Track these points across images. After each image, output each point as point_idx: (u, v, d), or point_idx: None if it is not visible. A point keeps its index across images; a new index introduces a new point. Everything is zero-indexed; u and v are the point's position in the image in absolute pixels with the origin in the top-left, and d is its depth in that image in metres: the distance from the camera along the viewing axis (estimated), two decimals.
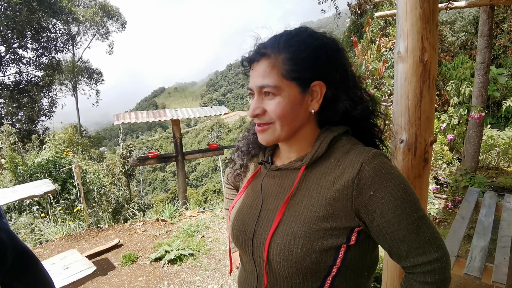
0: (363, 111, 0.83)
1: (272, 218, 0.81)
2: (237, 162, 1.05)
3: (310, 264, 0.74)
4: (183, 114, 7.25)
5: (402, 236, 0.72)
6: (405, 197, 0.72)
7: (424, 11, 1.23)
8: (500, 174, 5.85)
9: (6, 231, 0.62)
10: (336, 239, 0.74)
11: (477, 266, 2.11)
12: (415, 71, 1.27)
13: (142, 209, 6.27)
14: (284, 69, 0.77)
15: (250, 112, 0.82)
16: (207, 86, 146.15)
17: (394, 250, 0.74)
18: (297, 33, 0.80)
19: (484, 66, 4.63)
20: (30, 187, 3.43)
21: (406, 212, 0.71)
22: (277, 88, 0.77)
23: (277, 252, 0.76)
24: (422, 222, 0.72)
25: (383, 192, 0.71)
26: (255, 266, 0.84)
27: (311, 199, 0.77)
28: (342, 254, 0.75)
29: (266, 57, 0.78)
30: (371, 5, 11.09)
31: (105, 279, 3.39)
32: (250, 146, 1.01)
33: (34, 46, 15.99)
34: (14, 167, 5.55)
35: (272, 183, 0.88)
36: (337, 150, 0.80)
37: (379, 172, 0.73)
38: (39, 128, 14.86)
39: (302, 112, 0.80)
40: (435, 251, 0.73)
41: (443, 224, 4.19)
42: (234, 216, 0.93)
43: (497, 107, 9.99)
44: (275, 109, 0.78)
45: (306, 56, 0.77)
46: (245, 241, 0.86)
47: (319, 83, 0.78)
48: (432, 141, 1.35)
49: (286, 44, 0.77)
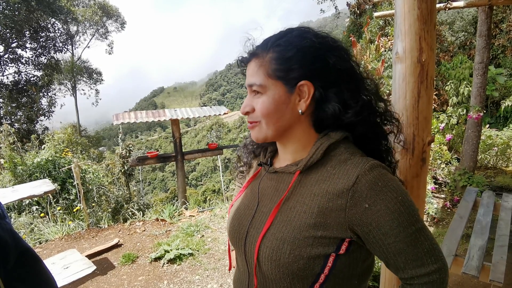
0: (356, 115, 0.78)
1: (264, 220, 0.82)
2: (242, 159, 1.06)
3: (297, 270, 0.73)
4: (183, 114, 7.26)
5: (399, 248, 0.71)
6: (402, 210, 0.70)
7: (422, 12, 1.24)
8: (498, 174, 5.87)
9: (9, 231, 0.62)
10: (325, 247, 0.73)
11: (475, 265, 2.12)
12: (413, 72, 1.28)
13: (142, 209, 6.28)
14: (271, 68, 0.78)
15: (241, 110, 0.85)
16: (206, 85, 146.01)
17: (391, 262, 0.73)
18: (286, 33, 0.80)
19: (482, 66, 4.64)
20: (30, 187, 3.43)
21: (404, 225, 0.70)
22: (263, 86, 0.79)
23: (266, 255, 0.76)
24: (420, 234, 0.71)
25: (379, 205, 0.70)
26: (247, 266, 0.85)
27: (304, 205, 0.77)
28: (331, 262, 0.74)
29: (256, 57, 0.81)
30: (370, 5, 11.10)
31: (104, 279, 3.40)
32: (255, 144, 1.02)
33: (33, 46, 15.93)
34: (14, 167, 5.55)
35: (269, 185, 0.89)
36: (334, 158, 0.78)
37: (375, 185, 0.71)
38: (38, 128, 14.82)
39: (289, 112, 0.80)
40: (433, 263, 0.72)
41: (442, 223, 4.20)
42: (232, 214, 0.94)
43: (496, 107, 10.00)
44: (260, 107, 0.80)
45: (292, 56, 0.77)
46: (239, 240, 0.87)
47: (306, 83, 0.77)
48: (429, 141, 1.36)
49: (273, 44, 0.79)
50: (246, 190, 0.96)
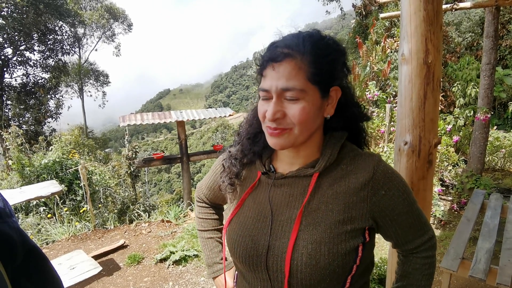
0: (358, 115, 0.88)
1: (288, 229, 0.78)
2: (232, 170, 0.95)
3: (336, 268, 0.74)
4: (188, 116, 7.28)
5: (409, 223, 0.83)
6: (407, 191, 0.82)
7: (428, 13, 1.23)
8: (506, 176, 5.80)
9: (16, 229, 0.63)
10: (355, 239, 0.77)
11: (482, 268, 2.10)
12: (419, 73, 1.27)
13: (147, 210, 6.30)
14: (310, 72, 0.73)
15: (270, 116, 0.75)
16: (212, 87, 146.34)
17: (401, 238, 0.85)
18: (322, 37, 0.78)
19: (490, 67, 4.60)
20: (37, 188, 3.47)
21: (410, 202, 0.82)
22: (303, 91, 0.73)
23: (302, 262, 0.74)
24: (418, 208, 0.85)
25: (393, 190, 0.79)
26: (270, 282, 0.80)
27: (328, 204, 0.78)
28: (360, 252, 0.78)
29: (291, 58, 0.73)
30: (376, 6, 11.05)
31: (110, 280, 3.41)
32: (246, 152, 0.94)
33: (41, 49, 16.12)
34: (21, 168, 5.61)
35: (280, 192, 0.84)
36: (345, 156, 0.83)
37: (387, 173, 0.79)
38: (46, 129, 14.97)
39: (320, 118, 0.80)
40: (429, 230, 0.88)
41: (449, 226, 4.16)
42: (236, 232, 0.86)
43: (503, 108, 9.90)
44: (299, 113, 0.74)
45: (330, 61, 0.76)
46: (257, 257, 0.81)
47: (336, 88, 0.79)
48: (436, 143, 1.35)
49: (313, 46, 0.74)
50: (245, 203, 0.90)
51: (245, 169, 0.95)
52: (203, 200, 1.16)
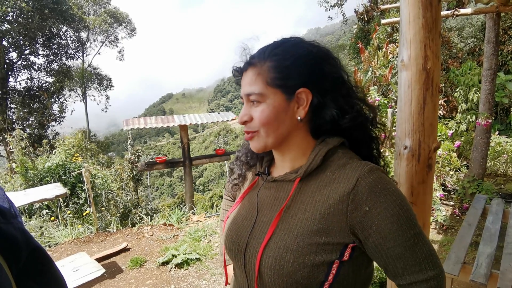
0: (353, 120, 0.81)
1: (265, 230, 0.80)
2: (236, 172, 1.03)
3: (301, 279, 0.71)
4: (191, 120, 7.33)
5: (398, 253, 0.70)
6: (401, 213, 0.70)
7: (427, 20, 1.26)
8: (508, 181, 5.79)
9: (20, 230, 0.63)
10: (329, 254, 0.72)
11: (483, 272, 2.10)
12: (418, 79, 1.30)
13: (150, 213, 6.33)
14: (269, 77, 0.78)
15: (238, 119, 0.84)
16: (214, 92, 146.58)
17: (390, 267, 0.72)
18: (283, 43, 0.82)
19: (491, 72, 4.62)
20: (42, 190, 3.50)
21: (403, 228, 0.70)
22: (262, 95, 0.79)
23: (268, 265, 0.74)
24: (419, 239, 0.71)
25: (379, 208, 0.70)
26: (247, 279, 0.82)
27: (305, 212, 0.76)
28: (335, 269, 0.72)
29: (253, 66, 0.81)
30: (378, 12, 11.11)
31: (113, 282, 3.43)
32: (249, 155, 1.01)
33: (45, 53, 16.30)
34: (25, 171, 5.65)
35: (268, 194, 0.87)
36: (332, 163, 0.79)
37: (375, 187, 0.71)
38: (49, 133, 15.11)
39: (288, 119, 0.81)
40: (431, 269, 0.71)
41: (450, 231, 4.16)
42: (228, 226, 0.92)
43: (505, 113, 9.90)
44: (260, 116, 0.79)
45: (290, 64, 0.78)
46: (237, 252, 0.84)
47: (304, 90, 0.79)
48: (435, 147, 1.37)
49: (271, 53, 0.80)
50: (242, 201, 0.95)
51: (250, 171, 1.02)
52: (227, 194, 1.22)
